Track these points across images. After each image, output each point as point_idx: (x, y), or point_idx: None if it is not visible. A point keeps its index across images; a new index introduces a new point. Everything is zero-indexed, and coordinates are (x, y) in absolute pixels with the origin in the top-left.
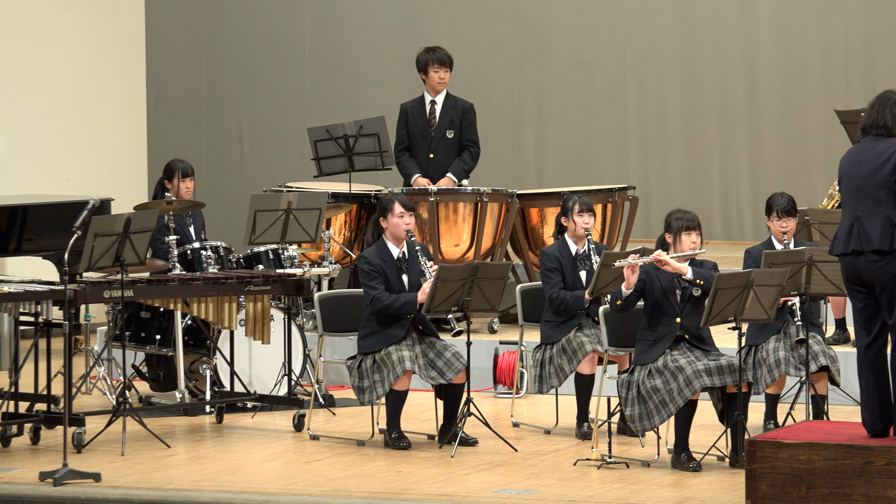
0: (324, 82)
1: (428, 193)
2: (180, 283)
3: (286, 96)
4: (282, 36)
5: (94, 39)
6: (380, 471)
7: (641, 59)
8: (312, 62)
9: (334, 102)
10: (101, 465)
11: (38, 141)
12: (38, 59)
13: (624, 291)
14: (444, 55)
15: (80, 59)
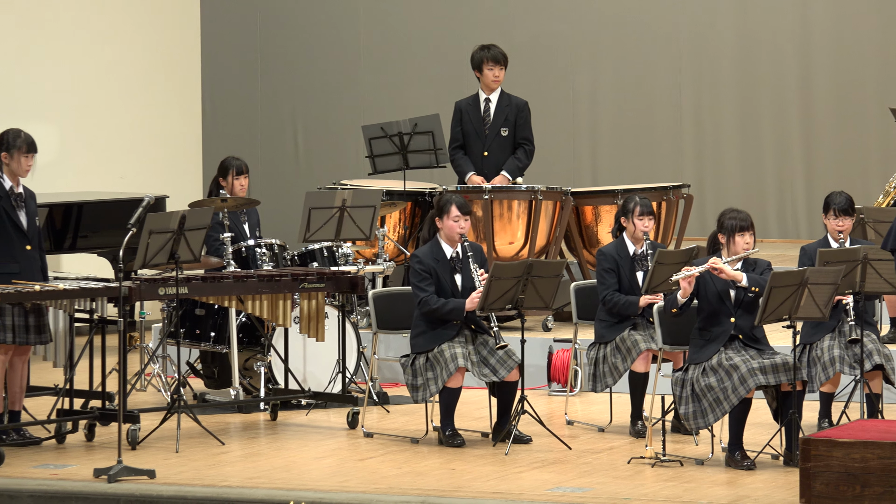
0: (378, 79)
1: (482, 191)
2: (235, 280)
3: (341, 94)
4: (337, 33)
5: (149, 37)
6: (433, 468)
7: (696, 56)
8: (367, 59)
9: (389, 100)
10: (155, 461)
11: (94, 138)
12: (94, 56)
13: (679, 299)
14: (499, 53)
15: (136, 57)
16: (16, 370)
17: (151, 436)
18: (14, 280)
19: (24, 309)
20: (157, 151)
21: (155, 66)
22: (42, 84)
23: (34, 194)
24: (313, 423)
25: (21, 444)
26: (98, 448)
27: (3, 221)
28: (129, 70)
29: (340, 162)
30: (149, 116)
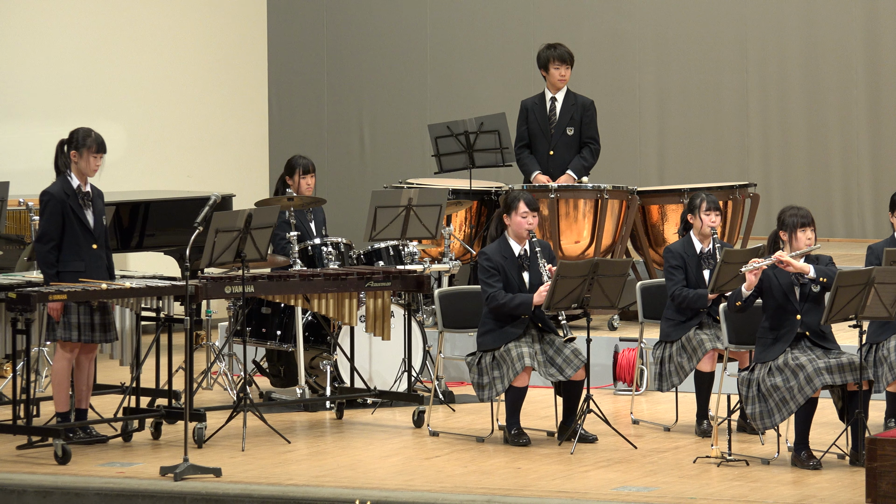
0: (445, 78)
1: (548, 190)
2: (301, 279)
3: (407, 93)
4: (403, 32)
5: (217, 36)
6: (499, 467)
7: (763, 55)
8: (434, 58)
9: (455, 99)
10: (221, 460)
11: (161, 137)
12: (161, 56)
13: (744, 292)
14: (565, 52)
15: (203, 56)
16: (83, 368)
17: (217, 434)
18: (81, 279)
19: (91, 307)
20: (224, 150)
21: (222, 65)
22: (110, 83)
23: (102, 193)
24: (379, 422)
25: (88, 442)
26: (164, 446)
27: (70, 220)
28: (197, 69)
29: (406, 161)
30: (216, 115)
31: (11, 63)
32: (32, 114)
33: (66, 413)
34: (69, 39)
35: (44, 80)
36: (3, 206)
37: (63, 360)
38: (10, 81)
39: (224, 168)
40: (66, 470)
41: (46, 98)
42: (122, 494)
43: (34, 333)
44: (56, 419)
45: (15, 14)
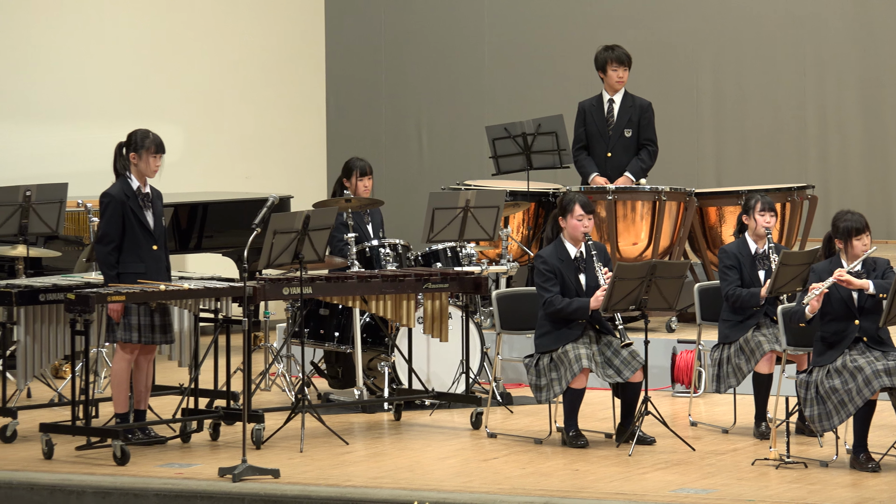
0: (502, 80)
1: (606, 192)
2: (359, 280)
3: (465, 94)
4: (461, 34)
5: (275, 37)
6: (557, 469)
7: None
8: (491, 60)
9: (513, 100)
10: (279, 461)
11: (219, 139)
12: (219, 57)
13: (807, 314)
14: (623, 54)
15: (261, 58)
16: (141, 369)
17: (276, 435)
18: (140, 280)
19: (150, 308)
20: (282, 152)
21: (280, 67)
22: (169, 85)
23: (161, 194)
24: (437, 424)
25: (146, 443)
26: (223, 447)
27: (130, 222)
28: (255, 71)
29: (464, 162)
30: (274, 117)
31: (70, 66)
32: (91, 116)
33: (125, 414)
34: (128, 42)
35: (102, 82)
36: (62, 207)
37: (123, 361)
38: (69, 84)
39: (282, 170)
40: (125, 471)
41: (105, 100)
42: (181, 495)
43: (93, 335)
44: (115, 420)
45: (74, 17)
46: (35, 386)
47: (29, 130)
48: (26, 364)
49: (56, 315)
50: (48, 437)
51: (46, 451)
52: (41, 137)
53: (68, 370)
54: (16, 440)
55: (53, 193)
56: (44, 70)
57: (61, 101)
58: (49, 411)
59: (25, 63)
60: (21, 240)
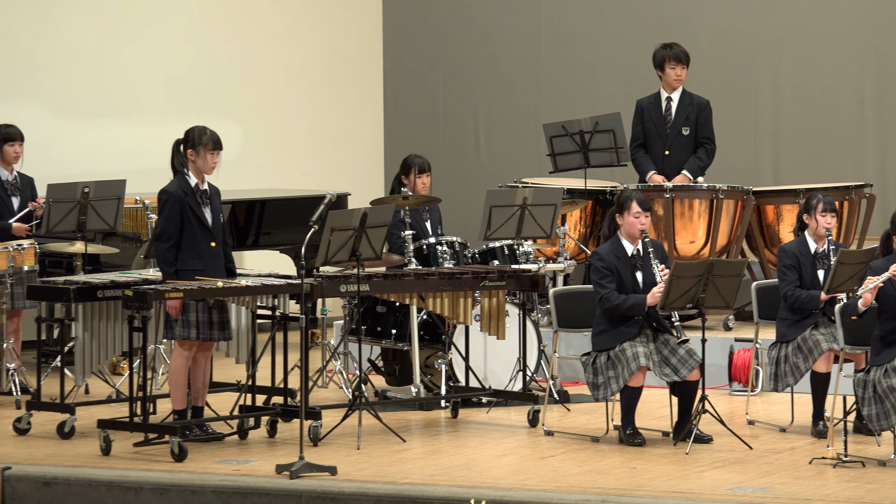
0: (560, 78)
1: (663, 190)
2: (416, 277)
3: (522, 92)
4: (518, 31)
5: (332, 34)
6: (614, 467)
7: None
8: (549, 57)
9: (570, 98)
10: (336, 458)
11: (276, 136)
12: (277, 54)
13: (860, 307)
14: (681, 52)
15: (319, 55)
16: (199, 366)
17: (333, 432)
18: (198, 276)
19: (208, 305)
20: (340, 149)
21: (338, 63)
22: (226, 82)
23: (219, 191)
24: (494, 421)
25: (204, 440)
26: (280, 444)
27: (188, 219)
28: (313, 67)
29: (521, 160)
30: (331, 114)
31: (128, 63)
32: (148, 112)
33: (182, 410)
34: (185, 38)
35: (160, 80)
36: (120, 204)
37: (181, 357)
38: (127, 81)
39: (339, 167)
40: (182, 467)
41: (163, 97)
42: (238, 492)
43: (151, 331)
44: (173, 417)
45: (130, 14)
46: (93, 382)
47: (87, 127)
48: (84, 360)
49: (114, 312)
50: (106, 433)
51: (104, 448)
52: (99, 134)
53: (126, 367)
54: (74, 436)
55: (112, 190)
56: (102, 67)
57: (119, 98)
58: (107, 408)
59: (84, 60)
60: (79, 236)
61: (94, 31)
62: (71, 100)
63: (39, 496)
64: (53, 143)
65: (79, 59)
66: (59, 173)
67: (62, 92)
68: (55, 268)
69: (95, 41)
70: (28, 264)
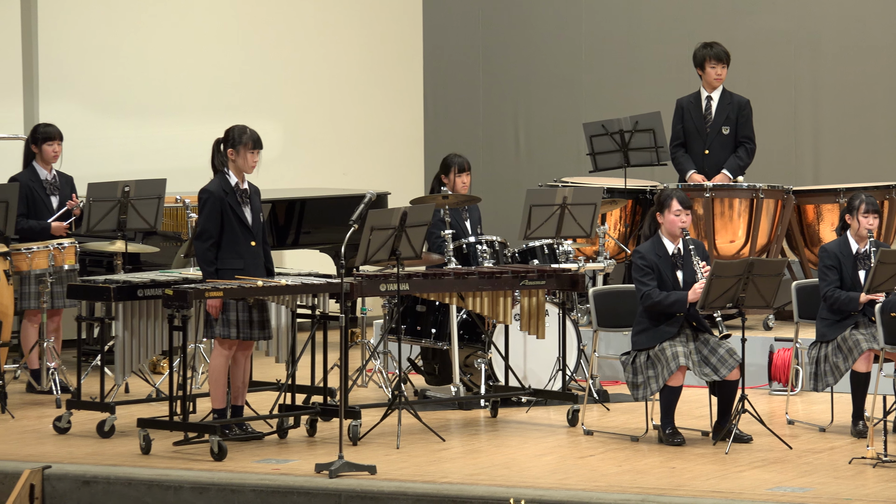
0: (599, 77)
1: (703, 189)
2: (456, 277)
3: (562, 91)
4: (559, 30)
5: (372, 33)
6: (654, 467)
7: None
8: (588, 57)
9: (610, 97)
10: (376, 457)
11: (317, 135)
12: (317, 54)
13: None
14: (721, 51)
15: (359, 54)
16: (239, 365)
17: (372, 432)
18: (238, 275)
19: (248, 304)
20: (380, 148)
21: (378, 63)
22: (266, 81)
23: (259, 190)
24: (533, 421)
25: (244, 439)
26: (319, 443)
27: (228, 218)
28: (353, 66)
29: (561, 159)
30: (371, 113)
31: (169, 61)
32: (189, 111)
33: (222, 410)
34: (226, 37)
35: (200, 79)
36: (160, 203)
37: (221, 356)
38: (166, 80)
39: (379, 166)
40: (222, 466)
41: (203, 96)
42: (278, 491)
43: (191, 330)
44: (212, 416)
45: (172, 12)
46: (133, 381)
47: (128, 126)
48: (124, 359)
49: (154, 311)
50: (146, 432)
51: (144, 447)
52: (140, 133)
53: (166, 366)
54: (113, 435)
55: (152, 189)
56: (143, 66)
57: (159, 97)
58: (147, 407)
59: (124, 60)
60: (120, 235)
61: (135, 29)
62: (111, 99)
63: (79, 495)
64: (94, 142)
65: (119, 58)
66: (99, 172)
67: (103, 91)
68: (95, 267)
69: (136, 39)
70: (68, 263)
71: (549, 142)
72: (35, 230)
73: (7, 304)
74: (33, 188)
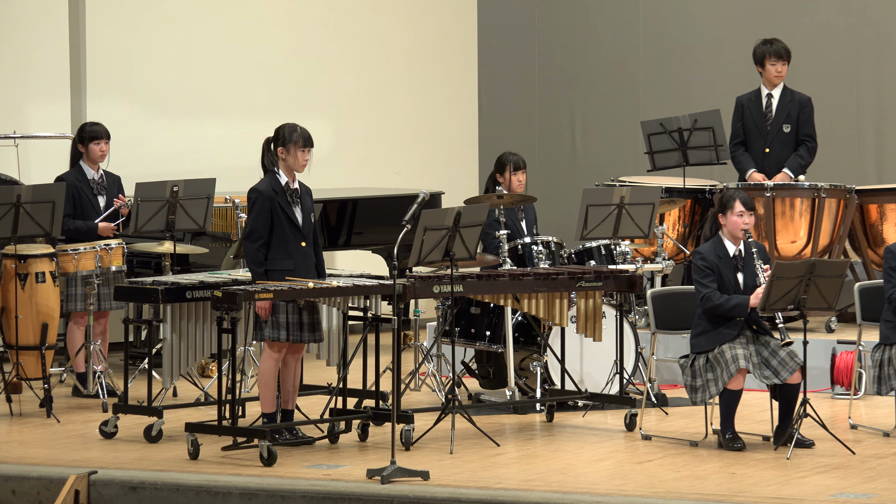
0: (658, 74)
1: (764, 189)
2: (511, 278)
3: (619, 89)
4: (616, 26)
5: (426, 29)
6: (713, 472)
7: None
8: (647, 54)
9: (668, 95)
10: (429, 463)
11: (368, 133)
12: (368, 51)
13: None
14: (782, 48)
15: (412, 50)
16: (289, 368)
17: (425, 436)
18: (288, 277)
19: (298, 306)
20: (433, 147)
21: (431, 59)
22: (317, 79)
23: (310, 190)
24: (590, 425)
25: (294, 444)
26: (371, 448)
27: (279, 218)
28: (406, 63)
29: (618, 158)
30: (424, 111)
31: (217, 59)
32: (239, 110)
33: (272, 414)
34: (274, 35)
35: (250, 77)
36: (210, 203)
37: (270, 360)
38: (216, 79)
39: (433, 165)
40: (271, 472)
41: (253, 95)
42: (329, 497)
43: (240, 333)
44: (262, 420)
45: (221, 10)
46: (181, 385)
47: (177, 125)
48: (172, 363)
49: (203, 313)
50: (194, 436)
51: (192, 452)
52: (189, 132)
53: (215, 369)
54: (161, 440)
55: (201, 189)
56: (191, 64)
57: (208, 95)
58: (195, 411)
59: (172, 58)
60: (168, 236)
61: (183, 27)
62: (160, 97)
63: (126, 501)
64: (142, 141)
65: (168, 56)
66: (147, 172)
67: (151, 89)
68: (143, 268)
69: (184, 37)
70: (115, 264)
71: (606, 140)
72: (82, 231)
73: (53, 306)
74: (80, 188)
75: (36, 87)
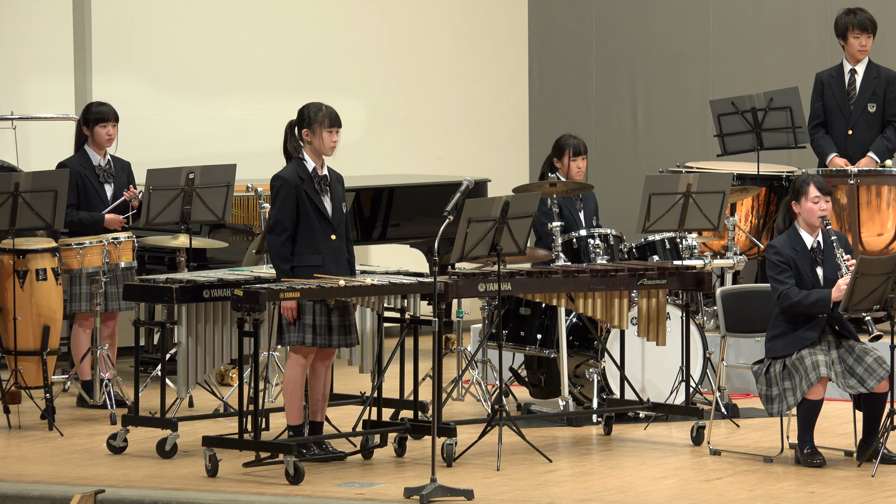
0: (729, 49)
1: (847, 175)
2: (564, 275)
3: (686, 65)
4: None
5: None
6: (789, 491)
7: None
8: (716, 26)
9: (740, 71)
10: (473, 480)
11: (407, 115)
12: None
13: None
14: (866, 19)
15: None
16: (318, 376)
17: (469, 451)
18: (316, 274)
19: (328, 307)
20: (479, 130)
21: (476, 33)
22: (348, 55)
23: (341, 177)
24: (652, 439)
25: (323, 460)
26: (409, 464)
27: (305, 208)
28: (447, 38)
29: (685, 142)
30: (469, 90)
31: (237, 33)
32: (262, 89)
33: (299, 426)
34: (301, 5)
35: (274, 53)
36: (230, 192)
37: (297, 366)
38: (237, 55)
39: (478, 150)
40: (298, 490)
41: (277, 72)
42: None
43: (263, 336)
44: (288, 433)
45: None
46: (197, 394)
47: (193, 105)
48: (188, 369)
49: (222, 314)
50: (212, 452)
51: (210, 468)
52: (207, 113)
53: (235, 377)
54: (176, 455)
55: (220, 176)
56: (208, 38)
57: (227, 72)
58: (213, 423)
59: (188, 31)
60: (183, 228)
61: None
62: (174, 73)
63: None
64: (154, 123)
65: (183, 29)
66: (160, 157)
67: (164, 64)
68: (156, 264)
69: (202, 8)
70: (125, 260)
71: (671, 122)
72: (87, 223)
73: (55, 307)
74: (85, 175)
75: (35, 62)
